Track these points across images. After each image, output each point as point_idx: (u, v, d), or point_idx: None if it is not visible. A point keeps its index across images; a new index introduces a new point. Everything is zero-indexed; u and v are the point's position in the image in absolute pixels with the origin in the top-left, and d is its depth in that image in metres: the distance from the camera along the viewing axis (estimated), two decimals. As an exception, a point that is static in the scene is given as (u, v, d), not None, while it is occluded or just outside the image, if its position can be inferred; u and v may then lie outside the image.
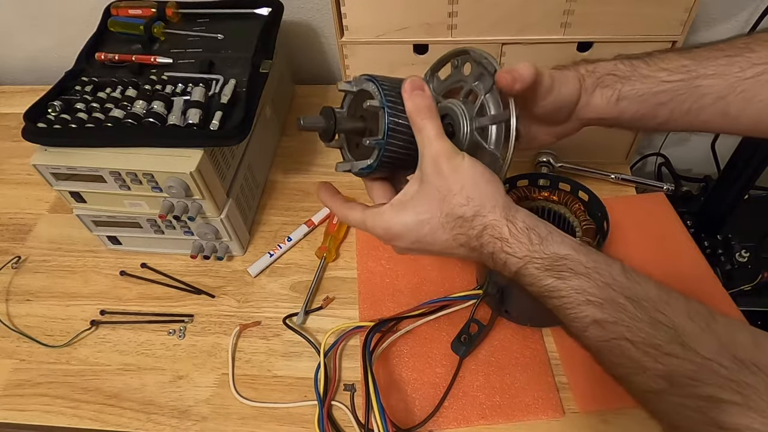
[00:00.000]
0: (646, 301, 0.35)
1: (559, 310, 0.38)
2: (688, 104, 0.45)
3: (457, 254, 0.42)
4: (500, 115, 0.43)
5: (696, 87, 0.44)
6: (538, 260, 0.38)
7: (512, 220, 0.39)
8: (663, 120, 0.46)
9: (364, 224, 0.43)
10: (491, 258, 0.40)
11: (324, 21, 0.94)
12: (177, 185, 0.63)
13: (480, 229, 0.39)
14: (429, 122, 0.40)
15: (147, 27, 0.75)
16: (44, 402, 0.64)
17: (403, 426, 0.58)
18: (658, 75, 0.45)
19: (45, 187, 0.69)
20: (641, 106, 0.46)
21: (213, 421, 0.61)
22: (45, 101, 0.67)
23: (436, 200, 0.40)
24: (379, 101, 0.41)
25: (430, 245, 0.42)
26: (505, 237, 0.39)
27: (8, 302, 0.74)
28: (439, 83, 0.49)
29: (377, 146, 0.41)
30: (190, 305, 0.71)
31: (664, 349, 0.33)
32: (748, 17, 0.85)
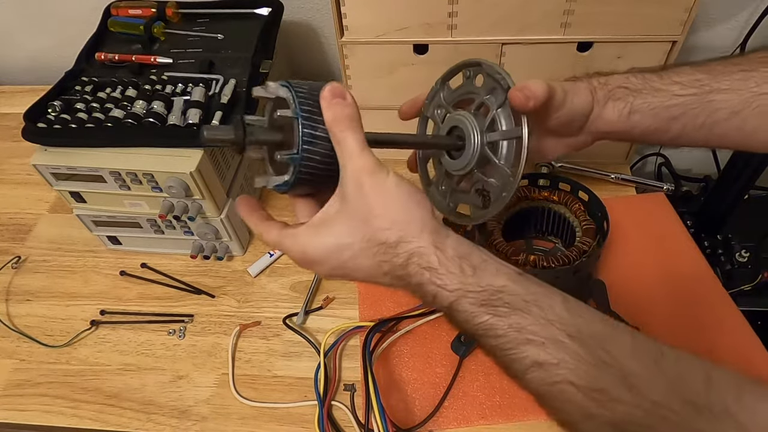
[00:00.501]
0: (591, 339, 0.32)
1: (497, 350, 0.34)
2: (701, 119, 0.44)
3: (383, 283, 0.37)
4: (513, 131, 0.41)
5: (709, 101, 0.43)
6: (472, 294, 0.34)
7: (441, 248, 0.35)
8: (676, 134, 0.45)
9: (281, 246, 0.39)
10: (420, 290, 0.35)
11: (324, 21, 0.94)
12: (177, 185, 0.63)
13: (405, 257, 0.35)
14: (350, 134, 0.36)
15: (147, 27, 0.75)
16: (44, 402, 0.64)
17: (403, 426, 0.58)
18: (671, 88, 0.44)
19: (45, 187, 0.69)
20: (653, 120, 0.45)
21: (213, 421, 0.61)
22: (45, 101, 0.67)
23: (357, 222, 0.35)
24: (293, 110, 0.36)
25: (352, 272, 0.37)
26: (433, 267, 0.34)
27: (8, 302, 0.74)
28: (450, 93, 0.48)
29: (291, 161, 0.36)
30: (190, 305, 0.71)
31: (610, 394, 0.30)
32: (748, 17, 0.85)
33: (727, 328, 0.62)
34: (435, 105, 0.48)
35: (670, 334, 0.61)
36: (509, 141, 0.41)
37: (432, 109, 0.48)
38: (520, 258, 0.55)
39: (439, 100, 0.48)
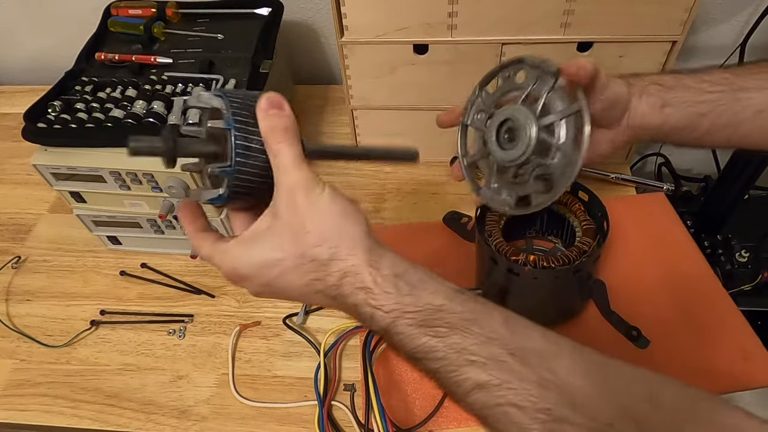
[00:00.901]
0: (533, 356, 0.31)
1: (438, 374, 0.32)
2: (727, 116, 0.45)
3: (318, 303, 0.36)
4: (569, 108, 0.43)
5: (736, 99, 0.45)
6: (409, 314, 0.33)
7: (376, 266, 0.33)
8: (704, 131, 0.46)
9: (212, 260, 0.37)
10: (356, 311, 0.34)
11: (324, 21, 0.94)
12: (177, 185, 0.63)
13: (338, 276, 0.34)
14: (285, 146, 0.34)
15: (147, 27, 0.75)
16: (44, 402, 0.64)
17: (403, 426, 0.58)
18: (701, 86, 0.46)
19: (45, 187, 0.69)
20: (684, 114, 0.46)
21: (213, 421, 0.61)
22: (45, 101, 0.67)
23: (288, 238, 0.34)
24: (226, 121, 0.34)
25: (283, 290, 0.35)
26: (368, 286, 0.33)
27: (8, 302, 0.74)
28: (488, 97, 0.49)
29: (224, 174, 0.35)
30: (190, 305, 0.71)
31: (555, 414, 0.30)
32: (748, 17, 0.85)
33: (727, 328, 0.62)
34: (475, 111, 0.50)
35: (670, 334, 0.61)
36: (567, 119, 0.43)
37: (472, 115, 0.50)
38: (520, 258, 0.55)
39: (479, 105, 0.49)
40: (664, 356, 0.58)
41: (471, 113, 0.50)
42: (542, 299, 0.61)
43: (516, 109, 0.45)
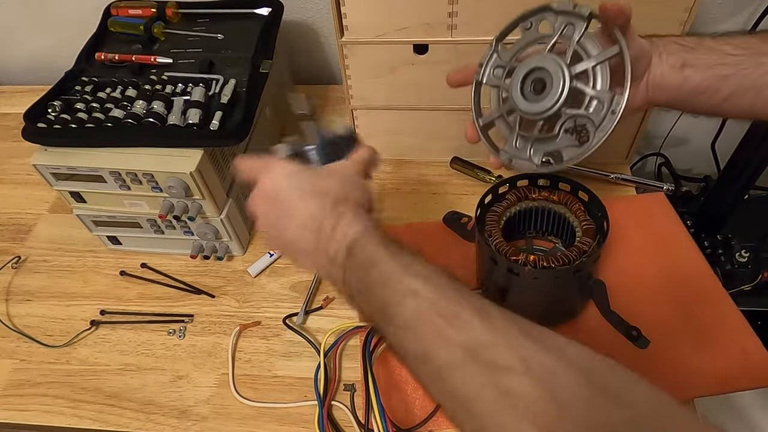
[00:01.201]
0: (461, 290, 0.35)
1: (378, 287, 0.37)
2: (751, 80, 0.44)
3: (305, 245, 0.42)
4: (606, 52, 0.41)
5: (760, 63, 0.43)
6: (375, 237, 0.39)
7: (370, 229, 0.40)
8: (726, 95, 0.45)
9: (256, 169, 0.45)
10: (331, 237, 0.41)
11: (324, 21, 0.94)
12: (177, 185, 0.63)
13: (335, 218, 0.41)
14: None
15: (147, 27, 0.75)
16: (44, 402, 0.64)
17: (403, 426, 0.58)
18: (724, 48, 0.45)
19: (45, 187, 0.69)
20: (705, 75, 0.45)
21: (213, 421, 0.61)
22: (45, 101, 0.67)
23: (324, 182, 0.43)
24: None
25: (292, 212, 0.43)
26: (356, 228, 0.40)
27: (8, 302, 0.74)
28: (506, 52, 0.48)
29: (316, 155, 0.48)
30: (190, 305, 0.71)
31: (465, 318, 0.33)
32: (748, 17, 0.85)
33: (727, 328, 0.62)
34: (492, 67, 0.48)
35: (670, 334, 0.61)
36: (602, 65, 0.42)
37: (488, 72, 0.48)
38: (520, 258, 0.55)
39: (496, 62, 0.48)
40: (664, 356, 0.58)
41: (486, 70, 0.48)
42: (542, 299, 0.61)
43: (543, 58, 0.43)
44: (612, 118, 0.41)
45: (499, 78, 0.47)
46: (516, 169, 0.47)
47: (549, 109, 0.42)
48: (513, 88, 0.44)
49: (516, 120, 0.46)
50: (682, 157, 1.02)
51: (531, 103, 0.44)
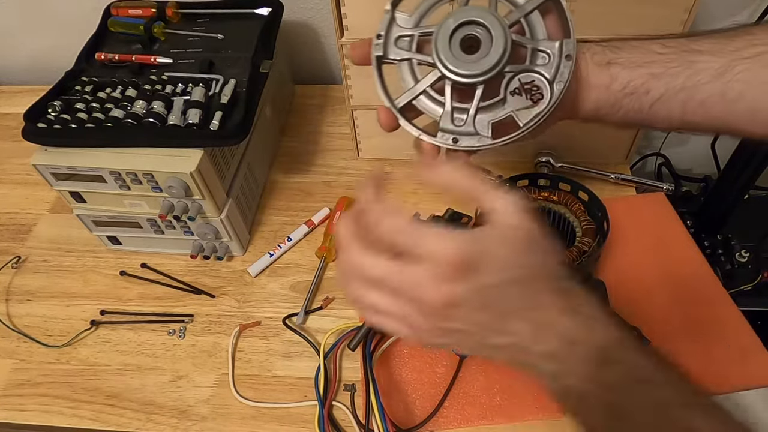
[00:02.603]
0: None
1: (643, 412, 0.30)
2: (681, 79, 0.41)
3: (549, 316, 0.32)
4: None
5: (690, 62, 0.41)
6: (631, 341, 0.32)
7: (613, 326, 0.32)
8: (657, 97, 0.42)
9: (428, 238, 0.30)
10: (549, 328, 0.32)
11: (324, 21, 0.94)
12: (177, 185, 0.63)
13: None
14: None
15: (147, 27, 0.75)
16: (44, 402, 0.64)
17: (403, 426, 0.58)
18: (651, 47, 0.42)
19: (45, 187, 0.69)
20: (633, 74, 0.41)
21: (213, 421, 0.61)
22: (45, 101, 0.67)
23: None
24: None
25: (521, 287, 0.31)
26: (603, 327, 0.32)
27: (8, 302, 0.74)
28: (406, 19, 0.40)
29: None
30: (190, 305, 0.71)
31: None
32: (748, 17, 0.85)
33: (727, 328, 0.62)
34: (394, 38, 0.40)
35: (670, 334, 0.61)
36: (534, 13, 0.38)
37: (391, 45, 0.40)
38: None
39: (398, 31, 0.40)
40: (664, 356, 0.58)
41: (389, 43, 0.40)
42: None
43: (470, 11, 0.37)
44: (568, 63, 0.37)
45: (406, 50, 0.40)
46: (464, 149, 0.39)
47: (493, 67, 0.36)
48: (441, 51, 0.37)
49: (448, 91, 0.38)
50: (682, 157, 1.02)
51: (467, 64, 0.37)
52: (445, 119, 0.39)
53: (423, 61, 0.39)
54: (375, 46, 0.40)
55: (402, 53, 0.40)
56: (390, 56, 0.40)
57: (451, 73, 0.37)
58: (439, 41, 0.37)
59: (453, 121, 0.39)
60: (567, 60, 0.37)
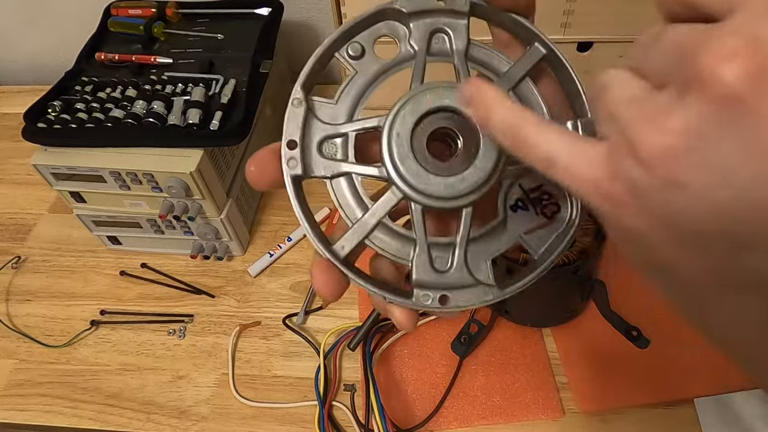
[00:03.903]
0: None
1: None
2: None
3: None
4: (525, 58, 0.26)
5: None
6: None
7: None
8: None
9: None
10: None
11: (324, 21, 0.94)
12: (177, 185, 0.63)
13: None
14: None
15: (147, 27, 0.75)
16: (44, 402, 0.64)
17: (403, 426, 0.58)
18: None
19: (45, 187, 0.69)
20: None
21: (213, 421, 0.61)
22: (45, 101, 0.67)
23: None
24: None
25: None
26: None
27: (8, 302, 0.74)
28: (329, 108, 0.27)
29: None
30: (190, 305, 0.71)
31: None
32: (748, 17, 0.85)
33: (727, 328, 0.62)
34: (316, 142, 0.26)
35: (669, 333, 0.61)
36: (524, 81, 0.26)
37: (313, 154, 0.26)
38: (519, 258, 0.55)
39: (321, 129, 0.26)
40: (664, 356, 0.58)
41: (310, 151, 0.26)
42: (542, 299, 0.61)
43: (431, 94, 0.24)
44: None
45: (338, 158, 0.26)
46: (459, 309, 0.25)
47: (486, 180, 0.24)
48: (400, 159, 0.24)
49: (419, 221, 0.25)
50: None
51: (443, 177, 0.24)
52: (420, 266, 0.25)
53: (371, 176, 0.25)
54: (288, 161, 0.25)
55: (333, 165, 0.26)
56: (315, 173, 0.26)
57: (421, 195, 0.24)
58: (394, 143, 0.24)
59: (433, 265, 0.25)
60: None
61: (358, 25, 0.27)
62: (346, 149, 0.26)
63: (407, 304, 0.25)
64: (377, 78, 0.27)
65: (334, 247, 0.25)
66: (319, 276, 0.25)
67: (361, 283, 0.25)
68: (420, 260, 0.25)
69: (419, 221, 0.25)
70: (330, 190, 0.26)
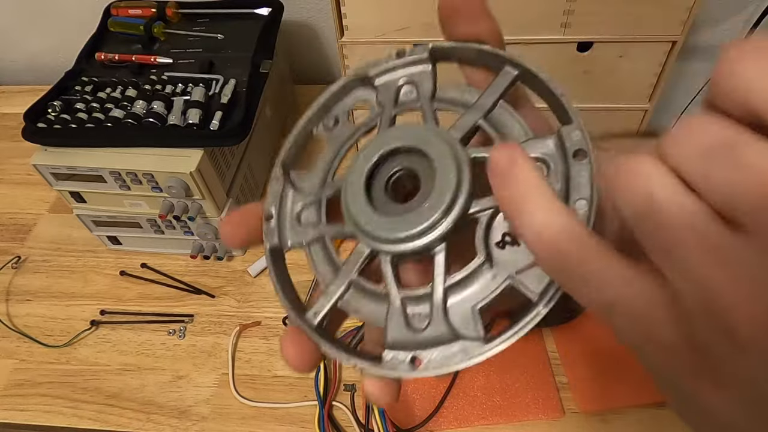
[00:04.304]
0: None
1: None
2: None
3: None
4: (495, 84, 0.23)
5: None
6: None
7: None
8: None
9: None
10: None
11: (324, 21, 0.94)
12: (177, 185, 0.63)
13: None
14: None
15: (147, 27, 0.75)
16: (44, 402, 0.64)
17: (403, 426, 0.58)
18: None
19: (45, 187, 0.69)
20: None
21: (213, 421, 0.61)
22: (45, 101, 0.67)
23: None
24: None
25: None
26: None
27: (8, 302, 0.74)
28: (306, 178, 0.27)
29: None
30: (190, 305, 0.71)
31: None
32: (748, 17, 0.85)
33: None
34: (292, 212, 0.26)
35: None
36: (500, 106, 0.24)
37: (288, 222, 0.26)
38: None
39: (297, 199, 0.26)
40: (664, 356, 0.58)
41: (288, 221, 0.26)
42: (542, 299, 0.61)
43: (382, 139, 0.23)
44: (582, 163, 0.20)
45: (313, 224, 0.25)
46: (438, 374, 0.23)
47: (444, 214, 0.21)
48: (354, 208, 0.23)
49: (389, 274, 0.22)
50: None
51: (402, 220, 0.21)
52: (393, 325, 0.22)
53: (338, 235, 0.24)
54: (267, 233, 0.26)
55: (308, 232, 0.25)
56: (291, 241, 0.26)
57: (383, 242, 0.22)
58: (349, 193, 0.23)
59: (409, 323, 0.22)
60: (578, 159, 0.20)
61: (329, 100, 0.27)
62: (320, 214, 0.25)
63: (380, 372, 0.22)
64: (348, 141, 0.27)
65: (306, 315, 0.24)
66: (290, 346, 0.23)
67: (328, 350, 0.23)
68: (393, 318, 0.22)
69: (388, 273, 0.22)
70: (307, 257, 0.25)
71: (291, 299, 0.25)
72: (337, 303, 0.24)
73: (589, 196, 0.20)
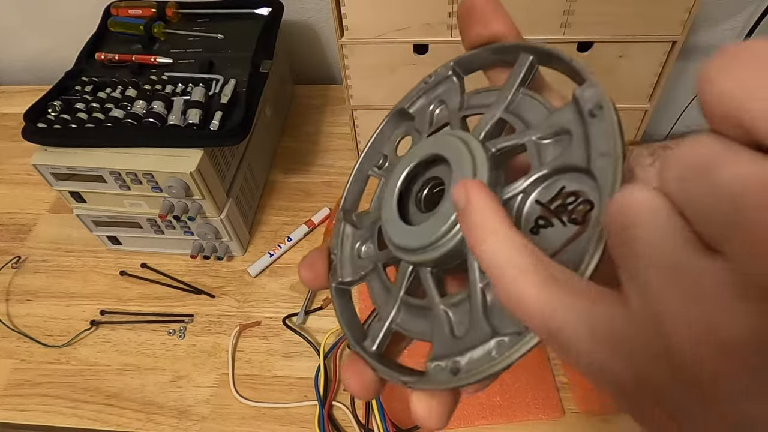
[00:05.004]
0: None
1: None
2: None
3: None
4: (512, 76, 0.23)
5: None
6: None
7: None
8: None
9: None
10: None
11: (324, 21, 0.94)
12: (177, 185, 0.63)
13: None
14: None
15: (147, 27, 0.75)
16: (44, 402, 0.64)
17: (403, 426, 0.58)
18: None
19: (45, 187, 0.69)
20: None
21: (213, 421, 0.61)
22: (45, 101, 0.67)
23: None
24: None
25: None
26: None
27: (8, 302, 0.74)
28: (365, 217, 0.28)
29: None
30: (190, 305, 0.71)
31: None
32: (748, 17, 0.85)
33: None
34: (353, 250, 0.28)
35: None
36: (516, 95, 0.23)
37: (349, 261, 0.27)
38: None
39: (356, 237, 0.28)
40: (664, 356, 0.58)
41: (350, 257, 0.27)
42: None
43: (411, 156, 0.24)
44: (598, 122, 0.20)
45: (371, 257, 0.26)
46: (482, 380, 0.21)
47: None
48: (391, 224, 0.23)
49: (431, 285, 0.22)
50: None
51: (426, 226, 0.22)
52: (438, 335, 0.22)
53: (387, 260, 0.25)
54: (332, 272, 0.27)
55: (366, 266, 0.26)
56: (349, 278, 0.27)
57: (413, 254, 0.22)
58: (384, 217, 0.23)
59: (453, 331, 0.22)
60: (594, 116, 0.20)
61: (376, 141, 0.29)
62: (375, 246, 0.26)
63: (427, 386, 0.22)
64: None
65: (365, 343, 0.25)
66: (351, 376, 0.24)
67: (383, 374, 0.23)
68: (436, 327, 0.22)
69: (429, 284, 0.22)
70: (370, 292, 0.26)
71: (353, 330, 0.26)
72: (391, 326, 0.24)
73: (608, 150, 0.19)
